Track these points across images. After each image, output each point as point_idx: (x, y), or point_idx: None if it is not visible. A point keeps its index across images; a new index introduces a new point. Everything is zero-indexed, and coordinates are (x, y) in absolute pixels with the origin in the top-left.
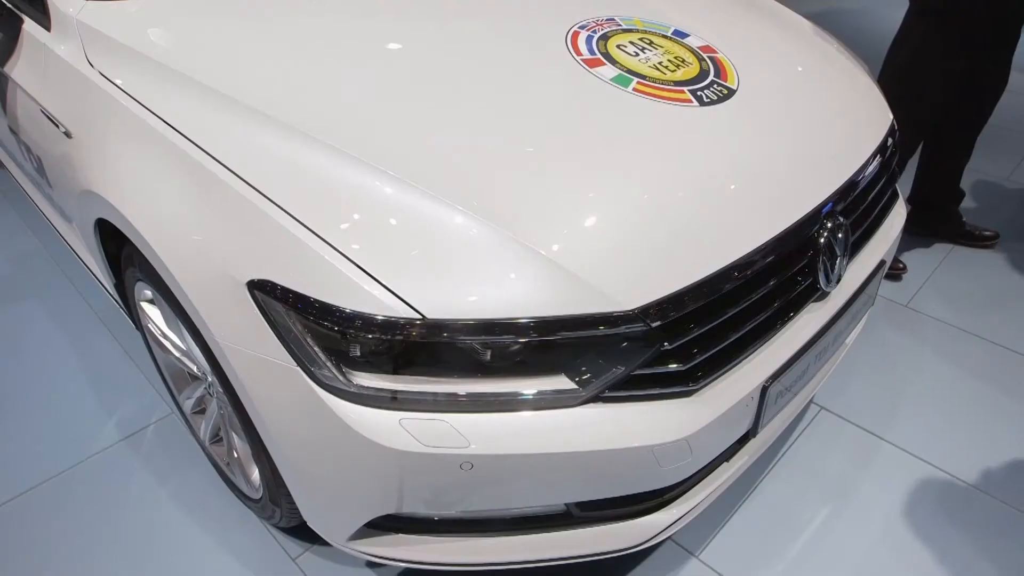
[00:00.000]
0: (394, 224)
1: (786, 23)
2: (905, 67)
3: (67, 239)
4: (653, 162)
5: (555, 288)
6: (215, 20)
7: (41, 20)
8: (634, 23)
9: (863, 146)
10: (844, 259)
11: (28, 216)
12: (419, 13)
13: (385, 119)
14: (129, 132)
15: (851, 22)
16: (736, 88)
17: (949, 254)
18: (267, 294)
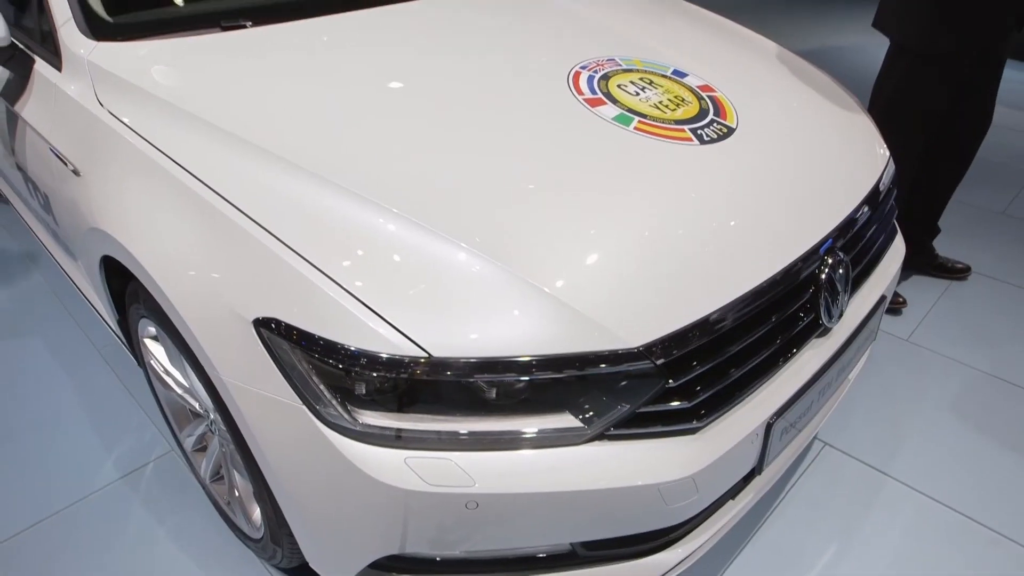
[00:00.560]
0: (399, 262)
1: (782, 61)
2: (886, 106)
3: (70, 275)
4: (655, 200)
5: (559, 325)
6: (223, 61)
7: (52, 60)
8: (634, 63)
9: (861, 182)
10: (846, 295)
11: (31, 251)
12: (422, 55)
13: (389, 157)
14: (137, 170)
15: (844, 59)
16: (735, 126)
17: (948, 288)
18: (273, 332)
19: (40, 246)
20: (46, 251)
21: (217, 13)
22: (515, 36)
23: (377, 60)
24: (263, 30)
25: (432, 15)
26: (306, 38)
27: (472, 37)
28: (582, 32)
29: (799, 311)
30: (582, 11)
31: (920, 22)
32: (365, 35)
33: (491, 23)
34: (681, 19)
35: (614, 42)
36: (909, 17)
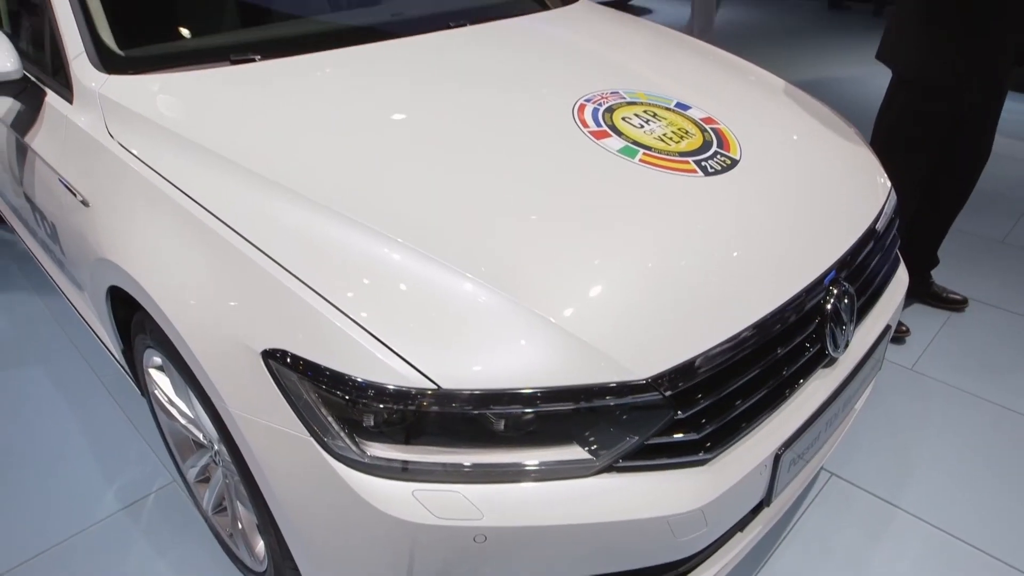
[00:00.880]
0: (407, 292)
1: (783, 93)
2: (888, 136)
3: (75, 304)
4: (661, 231)
5: (567, 356)
6: (232, 94)
7: (64, 93)
8: (638, 96)
9: (864, 213)
10: (851, 325)
11: (35, 280)
12: (428, 88)
13: (396, 188)
14: (146, 201)
15: (841, 91)
16: (739, 158)
17: (950, 317)
18: (281, 363)
19: (44, 275)
20: (51, 280)
21: (227, 47)
22: (520, 70)
23: (383, 93)
24: (272, 63)
25: (438, 50)
26: (314, 72)
27: (477, 71)
28: (585, 65)
29: (805, 341)
30: (584, 45)
31: (920, 54)
32: (371, 69)
33: (495, 57)
34: (682, 52)
35: (617, 75)
36: (910, 49)
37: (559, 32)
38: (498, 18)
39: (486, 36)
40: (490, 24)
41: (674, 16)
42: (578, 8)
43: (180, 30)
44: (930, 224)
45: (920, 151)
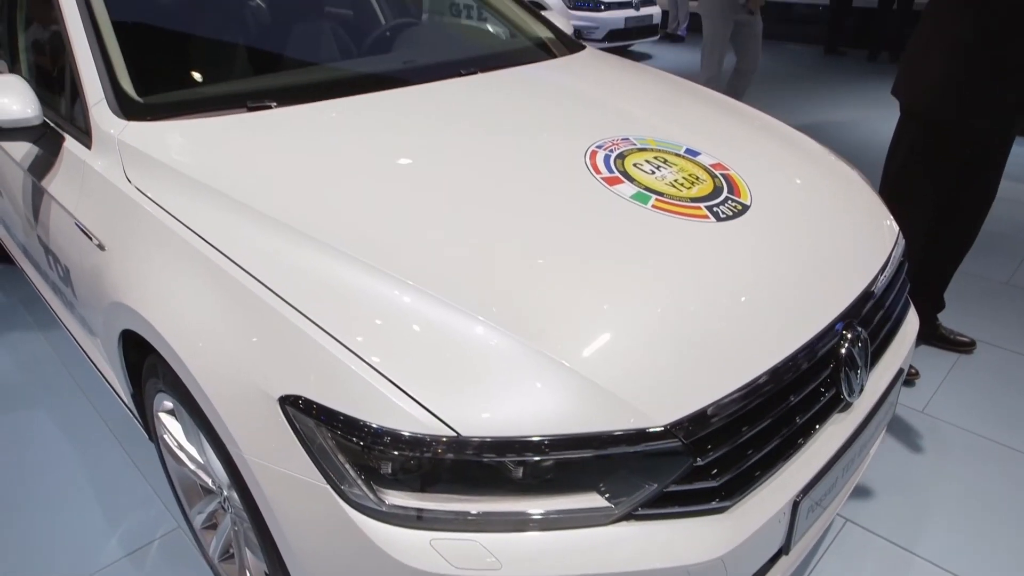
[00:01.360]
0: (425, 338)
1: (788, 138)
2: (896, 176)
3: (83, 346)
4: (676, 276)
5: (586, 402)
6: (249, 140)
7: (82, 139)
8: (648, 142)
9: (875, 256)
10: (865, 369)
11: (42, 321)
12: (442, 134)
13: (411, 232)
14: (164, 246)
15: (839, 134)
16: (750, 204)
17: (959, 359)
18: (299, 409)
19: (53, 317)
20: (59, 322)
21: (243, 94)
22: (531, 116)
23: (397, 139)
24: (288, 110)
25: (449, 97)
26: (329, 118)
27: (489, 117)
28: (595, 112)
29: (820, 387)
30: (593, 92)
31: (931, 89)
32: (385, 115)
33: (506, 104)
34: (688, 98)
35: (627, 122)
36: (918, 84)
37: (567, 79)
38: (507, 66)
39: (496, 83)
40: (500, 72)
41: (674, 61)
42: (584, 56)
43: (198, 77)
44: (937, 267)
45: (928, 190)
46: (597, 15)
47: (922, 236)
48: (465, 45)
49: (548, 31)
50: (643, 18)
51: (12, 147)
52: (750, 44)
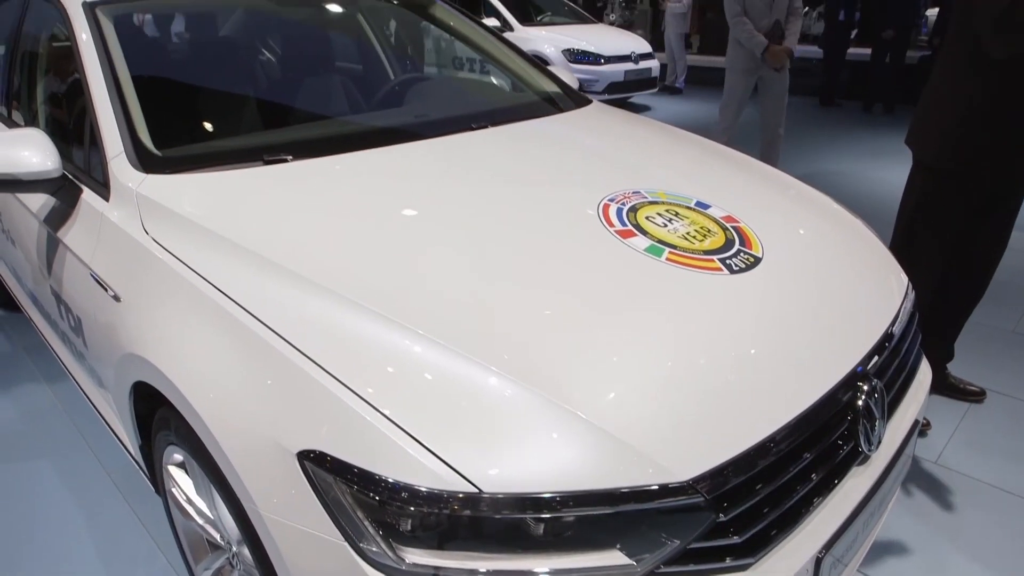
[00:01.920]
0: (445, 393)
1: (794, 189)
2: (907, 225)
3: (90, 397)
4: (692, 330)
5: (608, 457)
6: (266, 193)
7: (100, 190)
8: (659, 196)
9: (886, 308)
10: (883, 421)
11: (46, 370)
12: (457, 188)
13: (428, 285)
14: (181, 298)
15: (839, 185)
16: (762, 256)
17: (970, 409)
18: (318, 465)
19: (58, 366)
20: (66, 372)
21: (260, 148)
22: (543, 170)
23: (412, 192)
24: (303, 163)
25: (462, 150)
26: (344, 171)
27: (502, 171)
28: (605, 165)
29: (838, 440)
30: (602, 145)
31: (938, 139)
32: (399, 169)
33: (519, 158)
34: (694, 150)
35: (637, 175)
36: (928, 134)
37: (577, 133)
38: (517, 120)
39: (507, 137)
40: (511, 126)
41: (673, 113)
42: (592, 110)
43: (215, 131)
44: (948, 317)
45: (940, 238)
46: (597, 68)
47: (933, 285)
48: (475, 99)
49: (555, 86)
50: (642, 71)
51: (27, 197)
52: (769, 101)
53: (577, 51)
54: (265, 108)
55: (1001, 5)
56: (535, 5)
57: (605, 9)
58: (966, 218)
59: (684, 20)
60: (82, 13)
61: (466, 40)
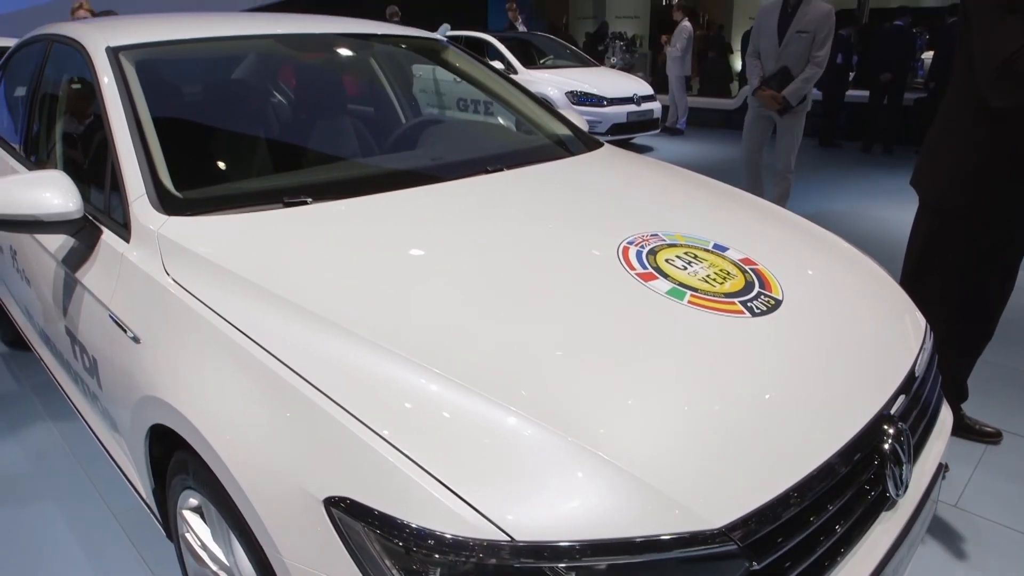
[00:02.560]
0: (476, 439)
1: (807, 230)
2: (916, 266)
3: (101, 439)
4: (718, 373)
5: (639, 503)
6: (288, 235)
7: (120, 232)
8: (676, 238)
9: (907, 348)
10: (910, 464)
11: (53, 411)
12: (475, 226)
13: (451, 328)
14: (203, 340)
15: (842, 225)
16: (782, 299)
17: (987, 450)
18: (345, 512)
19: (64, 406)
20: (76, 412)
21: (280, 190)
22: (561, 212)
23: (432, 234)
24: (323, 206)
25: (480, 193)
26: (364, 214)
27: (520, 214)
28: (621, 208)
29: (866, 484)
30: (617, 188)
31: (943, 179)
32: (419, 211)
33: (536, 200)
34: (709, 193)
35: (653, 217)
36: (933, 175)
37: (591, 176)
38: (531, 163)
39: (523, 180)
40: (525, 169)
41: (675, 153)
42: (604, 153)
43: (235, 174)
44: (958, 357)
45: (948, 279)
46: (600, 110)
47: (943, 326)
48: (488, 142)
49: (567, 129)
50: (644, 112)
51: (45, 237)
52: (778, 142)
53: (580, 93)
54: (284, 150)
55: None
56: (538, 49)
57: (606, 52)
58: (974, 258)
59: (683, 63)
60: (105, 57)
61: (480, 84)
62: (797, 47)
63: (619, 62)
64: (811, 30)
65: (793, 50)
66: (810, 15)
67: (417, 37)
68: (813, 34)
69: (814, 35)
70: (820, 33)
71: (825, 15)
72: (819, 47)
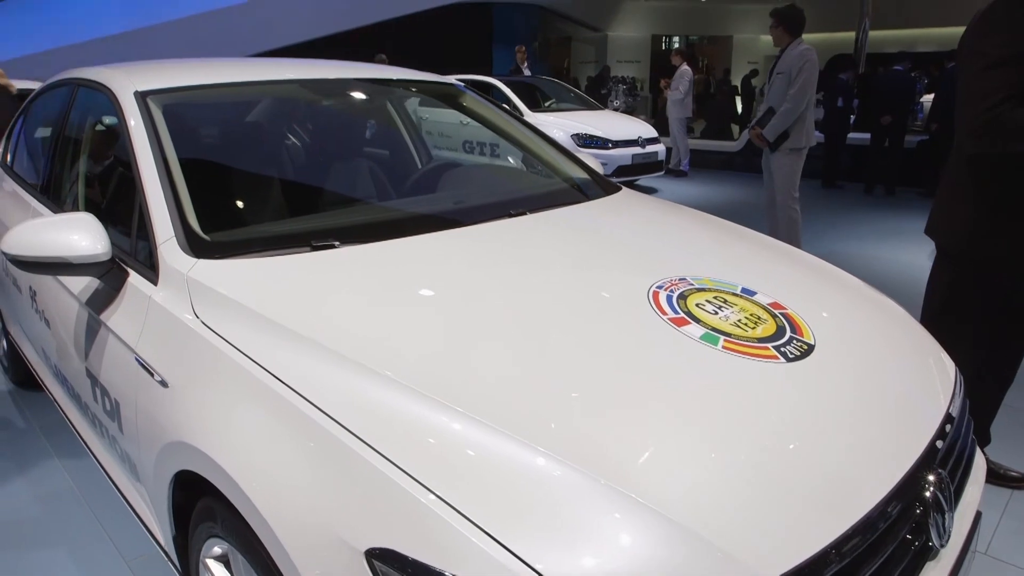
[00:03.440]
0: (519, 489)
1: (831, 274)
2: (936, 315)
3: (117, 483)
4: (757, 420)
5: (691, 555)
6: (318, 279)
7: (148, 275)
8: (704, 282)
9: (942, 391)
10: (951, 513)
11: (63, 452)
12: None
13: (489, 373)
14: (235, 385)
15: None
16: (814, 343)
17: (1013, 495)
18: (388, 564)
19: (78, 448)
20: (90, 455)
21: (307, 233)
22: (588, 256)
23: (462, 278)
24: (351, 249)
25: (506, 237)
26: (392, 257)
27: (549, 257)
28: (647, 252)
29: (909, 534)
30: (640, 231)
31: (968, 229)
32: (447, 255)
33: (562, 244)
34: (730, 236)
35: (680, 262)
36: (952, 224)
37: (614, 219)
38: (553, 206)
39: (547, 224)
40: (548, 212)
41: (680, 194)
42: (624, 197)
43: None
44: (983, 401)
45: (972, 326)
46: (606, 152)
47: (967, 371)
48: (507, 186)
49: (584, 172)
50: (649, 155)
51: (68, 278)
52: (773, 177)
53: (585, 135)
54: (308, 193)
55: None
56: (542, 92)
57: (609, 96)
58: (997, 304)
59: (683, 105)
60: (134, 101)
61: (499, 129)
62: (778, 87)
63: (622, 105)
64: (786, 70)
65: (775, 90)
66: (787, 57)
67: (436, 82)
68: (788, 74)
69: (789, 75)
70: (793, 72)
71: (798, 55)
72: (793, 86)
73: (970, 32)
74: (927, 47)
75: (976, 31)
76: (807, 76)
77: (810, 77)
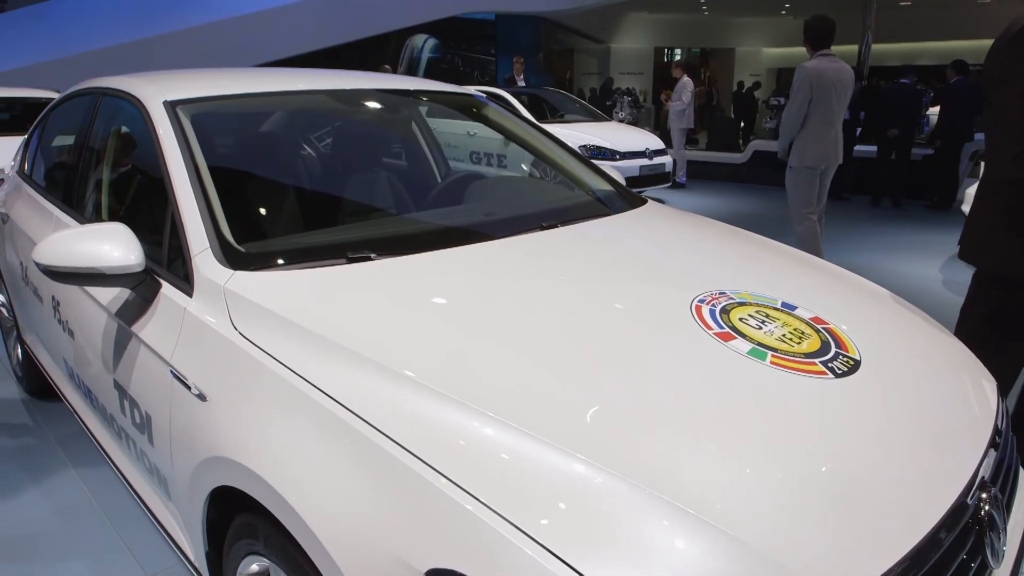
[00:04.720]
0: (584, 507)
1: (868, 290)
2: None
3: (142, 496)
4: (813, 437)
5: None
6: (357, 291)
7: (183, 287)
8: (744, 296)
9: (988, 405)
10: (1005, 532)
11: (80, 464)
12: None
13: (538, 388)
14: (280, 398)
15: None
16: (860, 359)
17: None
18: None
19: (96, 459)
20: (111, 466)
21: (343, 245)
22: (626, 269)
23: (502, 290)
24: (387, 261)
25: (542, 250)
26: (429, 269)
27: (586, 270)
28: (684, 265)
29: (964, 554)
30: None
31: (1000, 249)
32: (484, 267)
33: (599, 257)
34: (762, 250)
35: (718, 275)
36: (990, 245)
37: (645, 232)
38: (583, 219)
39: (581, 237)
40: (579, 225)
41: (682, 204)
42: (651, 209)
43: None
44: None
45: (1005, 350)
46: (614, 164)
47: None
48: (535, 198)
49: (610, 185)
50: (656, 166)
51: (96, 289)
52: None
53: (593, 147)
54: (340, 204)
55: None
56: (549, 104)
57: (614, 107)
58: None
59: (684, 117)
60: (164, 112)
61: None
62: None
63: (627, 116)
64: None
65: None
66: None
67: (460, 93)
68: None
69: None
70: (793, 88)
71: (798, 71)
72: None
73: (1002, 55)
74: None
75: (1009, 55)
76: (801, 95)
77: (803, 95)
